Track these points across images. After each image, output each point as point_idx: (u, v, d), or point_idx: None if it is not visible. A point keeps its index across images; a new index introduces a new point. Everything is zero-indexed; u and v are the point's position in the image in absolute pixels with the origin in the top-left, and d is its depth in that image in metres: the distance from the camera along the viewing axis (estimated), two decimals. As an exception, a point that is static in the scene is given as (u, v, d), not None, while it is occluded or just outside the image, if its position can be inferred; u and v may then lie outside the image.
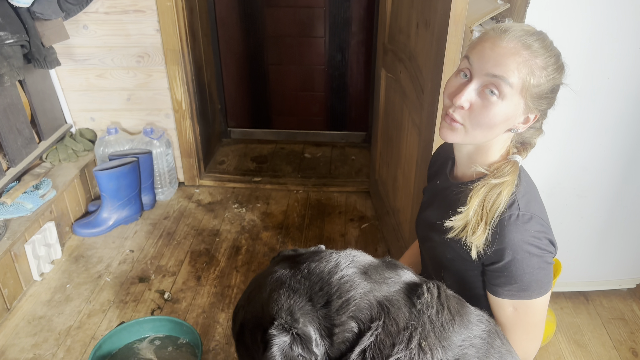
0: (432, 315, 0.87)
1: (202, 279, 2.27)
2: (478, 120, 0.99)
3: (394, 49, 2.22)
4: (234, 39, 3.37)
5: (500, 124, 1.00)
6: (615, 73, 1.64)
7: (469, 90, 0.98)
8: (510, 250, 0.99)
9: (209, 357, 1.87)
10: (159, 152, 2.76)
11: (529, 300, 1.03)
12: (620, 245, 2.03)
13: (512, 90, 0.96)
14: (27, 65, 2.32)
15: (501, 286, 1.03)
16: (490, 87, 0.97)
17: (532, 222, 1.00)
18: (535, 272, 1.00)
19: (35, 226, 2.22)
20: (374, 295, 0.87)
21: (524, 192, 1.04)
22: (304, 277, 0.89)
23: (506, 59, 0.95)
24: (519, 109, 0.99)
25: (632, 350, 1.93)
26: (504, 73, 0.95)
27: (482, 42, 0.99)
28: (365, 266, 0.93)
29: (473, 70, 0.98)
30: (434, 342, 0.85)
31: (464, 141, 1.05)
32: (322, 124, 3.68)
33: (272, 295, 0.88)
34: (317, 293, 0.87)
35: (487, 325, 0.93)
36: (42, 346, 1.91)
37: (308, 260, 0.93)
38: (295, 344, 0.82)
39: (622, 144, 1.79)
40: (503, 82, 0.95)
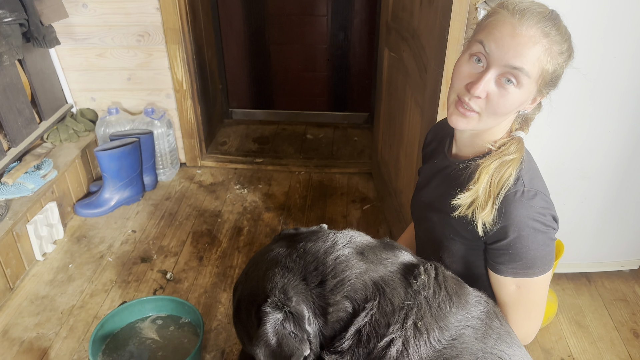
0: (429, 295, 0.87)
1: (204, 260, 2.27)
2: (494, 109, 0.98)
3: (397, 27, 2.19)
4: (235, 17, 3.33)
5: (514, 110, 1.00)
6: (622, 53, 1.61)
7: (487, 80, 0.95)
8: (516, 227, 0.98)
9: (210, 336, 1.88)
10: (160, 132, 2.75)
11: (532, 278, 1.02)
12: (624, 227, 2.02)
13: (530, 80, 0.95)
14: (27, 45, 2.30)
15: (505, 264, 1.02)
16: (508, 75, 0.94)
17: (536, 199, 1.00)
18: (540, 249, 1.00)
19: (36, 206, 2.22)
20: (369, 275, 0.88)
21: (527, 169, 1.03)
22: (299, 257, 0.90)
23: (527, 49, 0.92)
24: (532, 94, 0.98)
25: (633, 331, 1.93)
26: (524, 65, 0.92)
27: (499, 27, 0.94)
28: (362, 247, 0.93)
29: (490, 59, 0.95)
30: (431, 322, 0.84)
31: (475, 128, 1.03)
32: (324, 105, 3.65)
33: (267, 273, 0.89)
34: (312, 273, 0.87)
35: (485, 306, 0.93)
36: (45, 325, 1.92)
37: (305, 239, 0.94)
38: (287, 321, 0.83)
39: (627, 125, 1.77)
40: (522, 73, 0.93)
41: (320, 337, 0.87)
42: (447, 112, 1.05)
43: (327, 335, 0.87)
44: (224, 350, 1.83)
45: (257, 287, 0.89)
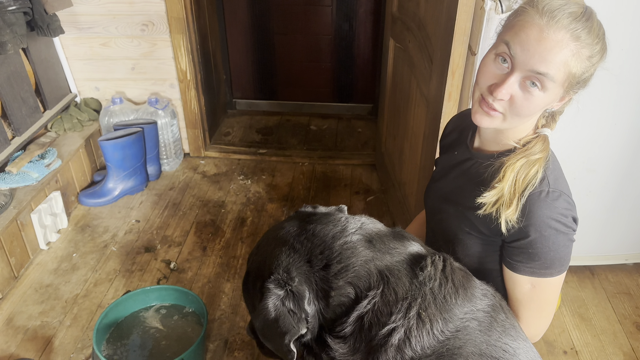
0: (435, 287, 0.86)
1: (207, 250, 2.28)
2: (518, 112, 0.96)
3: (402, 17, 2.17)
4: (239, 7, 3.31)
5: (540, 111, 0.99)
6: (630, 45, 1.60)
7: (510, 83, 0.93)
8: (538, 226, 0.97)
9: (214, 326, 1.89)
10: (164, 122, 2.74)
11: (548, 278, 1.02)
12: (628, 220, 2.02)
13: (555, 84, 0.92)
14: (31, 33, 2.30)
15: (523, 262, 1.02)
16: (533, 79, 0.92)
17: (560, 200, 0.99)
18: (559, 250, 0.99)
19: (41, 195, 2.22)
20: (375, 264, 0.88)
21: (552, 168, 1.02)
22: (307, 239, 0.91)
23: (553, 55, 0.89)
24: (558, 95, 0.96)
25: (636, 324, 1.93)
26: (549, 70, 0.90)
27: (525, 29, 0.91)
28: (371, 234, 0.93)
29: (515, 62, 0.93)
30: (435, 313, 0.84)
31: (500, 127, 1.02)
32: (328, 96, 3.64)
33: (275, 250, 0.92)
34: (317, 256, 0.89)
35: (491, 300, 0.93)
36: (49, 314, 1.93)
37: (317, 222, 0.95)
38: (287, 299, 0.86)
39: (634, 118, 1.76)
40: (547, 79, 0.91)
41: (320, 318, 0.89)
42: (472, 109, 1.03)
43: (328, 318, 0.88)
44: (227, 340, 1.84)
45: (264, 263, 0.92)
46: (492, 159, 1.06)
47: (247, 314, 1.95)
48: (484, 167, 1.07)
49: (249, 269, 0.98)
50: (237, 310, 1.96)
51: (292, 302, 0.86)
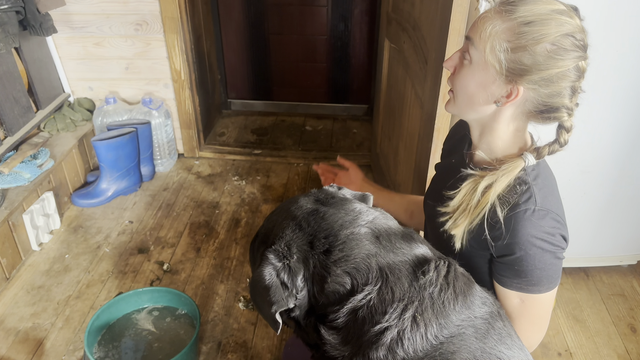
0: (434, 292, 0.86)
1: (201, 251, 2.27)
2: (457, 85, 1.01)
3: (397, 18, 2.17)
4: (234, 7, 3.30)
5: (475, 91, 0.98)
6: (624, 47, 1.60)
7: (455, 54, 1.01)
8: (523, 245, 0.96)
9: (207, 328, 1.88)
10: (158, 122, 2.73)
11: (537, 294, 1.01)
12: (622, 222, 2.02)
13: (478, 54, 0.95)
14: (23, 33, 2.28)
15: (510, 278, 1.01)
16: (466, 51, 0.98)
17: (547, 219, 0.97)
18: (546, 268, 0.98)
19: (33, 196, 2.20)
20: (376, 260, 0.88)
21: (541, 186, 1.00)
22: (316, 221, 0.92)
23: (478, 22, 0.95)
24: (489, 74, 0.95)
25: (630, 326, 1.93)
26: (471, 34, 0.96)
27: None
28: (380, 230, 0.93)
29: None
30: (431, 317, 0.84)
31: (454, 111, 1.06)
32: (323, 96, 3.63)
33: (283, 223, 0.94)
34: (321, 239, 0.89)
35: (490, 307, 0.91)
36: (41, 315, 1.91)
37: (331, 205, 0.95)
38: (283, 272, 0.87)
39: (627, 120, 1.76)
40: (470, 44, 0.96)
41: (311, 299, 0.89)
42: None
43: (320, 303, 0.88)
44: (221, 342, 1.83)
45: (271, 231, 0.94)
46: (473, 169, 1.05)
47: (240, 315, 1.94)
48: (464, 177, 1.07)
49: (258, 232, 1.01)
50: (230, 312, 1.95)
51: (286, 275, 0.87)
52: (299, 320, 0.93)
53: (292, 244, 0.90)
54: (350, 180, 1.57)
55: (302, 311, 0.91)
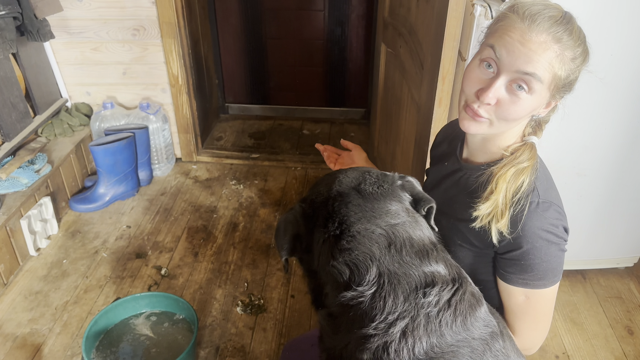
0: (432, 313, 0.83)
1: (199, 256, 2.27)
2: (505, 116, 0.96)
3: (394, 23, 2.18)
4: (231, 11, 3.31)
5: (527, 116, 0.99)
6: (619, 50, 1.61)
7: (497, 86, 0.94)
8: (530, 238, 0.97)
9: (205, 332, 1.88)
10: (156, 127, 2.73)
11: (542, 289, 1.01)
12: (619, 224, 2.02)
13: (542, 86, 0.93)
14: (21, 38, 2.28)
15: (516, 274, 1.01)
16: (519, 82, 0.92)
17: (551, 210, 0.98)
18: (552, 261, 0.99)
19: (30, 201, 2.20)
20: (378, 265, 0.86)
21: (542, 178, 1.02)
22: (339, 205, 0.93)
23: (538, 55, 0.90)
24: (545, 100, 0.96)
25: (627, 328, 1.93)
26: (536, 70, 0.91)
27: (509, 33, 0.93)
28: (396, 237, 0.90)
29: (501, 65, 0.93)
30: (421, 335, 0.81)
31: (486, 132, 1.02)
32: (320, 100, 3.64)
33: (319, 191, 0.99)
34: (334, 222, 0.91)
35: (492, 329, 0.88)
36: (38, 321, 1.91)
37: (364, 196, 0.95)
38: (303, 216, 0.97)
39: (624, 122, 1.77)
40: (534, 79, 0.91)
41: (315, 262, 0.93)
42: (459, 116, 1.03)
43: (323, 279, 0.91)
44: (219, 347, 1.83)
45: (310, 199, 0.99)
46: (481, 169, 1.05)
47: (238, 320, 1.94)
48: (473, 179, 1.06)
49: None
50: (228, 316, 1.95)
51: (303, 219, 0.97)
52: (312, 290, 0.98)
53: (317, 210, 0.95)
54: (352, 160, 1.56)
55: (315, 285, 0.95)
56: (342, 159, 1.60)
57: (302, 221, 0.97)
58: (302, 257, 1.01)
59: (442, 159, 1.23)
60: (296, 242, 0.99)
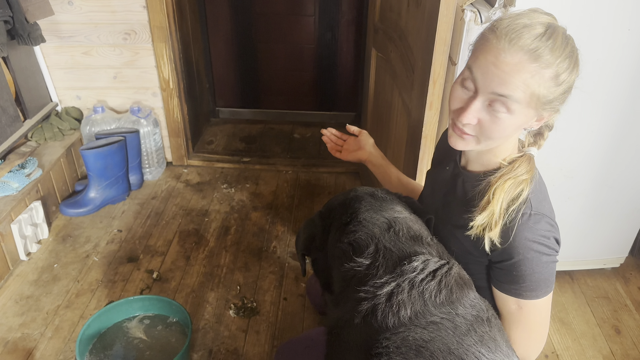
0: (416, 279, 0.90)
1: (191, 259, 2.27)
2: (488, 135, 0.97)
3: (384, 27, 2.20)
4: (222, 16, 3.32)
5: (513, 133, 0.99)
6: (605, 55, 1.64)
7: (474, 107, 0.95)
8: (521, 249, 0.98)
9: (197, 336, 1.88)
10: (147, 131, 2.73)
11: (534, 300, 1.02)
12: (606, 226, 2.06)
13: (521, 105, 0.93)
14: (11, 42, 2.27)
15: (508, 283, 1.02)
16: (498, 104, 0.93)
17: (542, 222, 0.99)
18: (544, 272, 1.00)
19: (21, 205, 2.19)
20: (376, 242, 0.99)
21: (536, 190, 1.02)
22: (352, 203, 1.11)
23: (511, 77, 0.90)
24: (530, 117, 0.96)
25: (615, 327, 1.97)
26: (510, 92, 0.91)
27: (484, 54, 0.93)
28: (396, 225, 1.03)
29: (477, 86, 0.94)
30: (405, 300, 0.88)
31: (476, 149, 1.03)
32: (311, 104, 3.66)
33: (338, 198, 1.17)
34: (345, 215, 1.09)
35: (478, 312, 0.92)
36: (30, 325, 1.90)
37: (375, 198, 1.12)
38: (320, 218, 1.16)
39: (610, 125, 1.80)
40: (509, 100, 0.91)
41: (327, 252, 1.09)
42: (448, 133, 1.05)
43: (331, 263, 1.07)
44: (212, 350, 1.83)
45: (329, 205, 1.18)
46: (479, 178, 1.06)
47: (231, 323, 1.95)
48: (471, 186, 1.08)
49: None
50: (221, 319, 1.96)
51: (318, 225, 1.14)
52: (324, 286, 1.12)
53: (333, 211, 1.12)
54: (359, 146, 1.55)
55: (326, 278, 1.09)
56: (347, 145, 1.58)
57: (319, 222, 1.13)
58: (316, 258, 1.16)
59: (443, 162, 1.24)
60: (312, 242, 1.14)
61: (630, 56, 1.66)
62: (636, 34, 1.61)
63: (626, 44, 1.63)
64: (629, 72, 1.69)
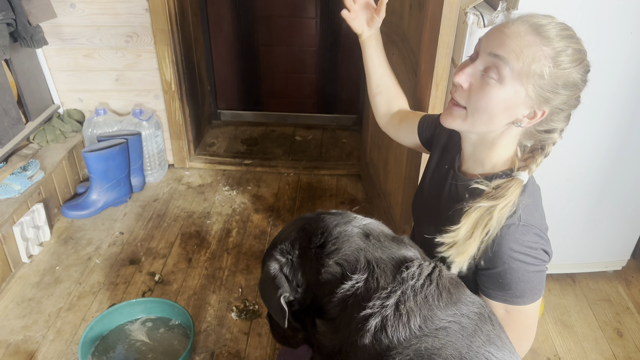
0: (417, 286, 0.89)
1: (192, 261, 2.27)
2: (475, 103, 0.97)
3: (386, 30, 2.20)
4: (224, 18, 3.32)
5: (499, 112, 0.97)
6: (607, 58, 1.65)
7: (469, 69, 0.97)
8: (505, 259, 0.98)
9: (200, 338, 1.88)
10: (148, 133, 2.74)
11: (521, 305, 1.03)
12: (607, 228, 2.06)
13: (512, 75, 0.93)
14: (14, 44, 2.28)
15: (494, 290, 1.03)
16: (492, 70, 0.94)
17: (529, 234, 0.99)
18: (530, 281, 1.00)
19: (23, 208, 2.19)
20: (365, 254, 0.94)
21: (527, 202, 1.01)
22: (316, 223, 1.02)
23: (510, 40, 0.92)
24: (519, 96, 0.95)
25: (617, 330, 1.97)
26: (505, 54, 0.92)
27: (495, 27, 0.98)
28: (370, 231, 0.99)
29: (479, 50, 0.98)
30: (413, 308, 0.86)
31: (462, 128, 1.03)
32: (313, 107, 3.66)
33: (290, 228, 1.06)
34: (318, 235, 0.99)
35: (479, 309, 0.92)
36: (32, 328, 1.90)
37: (332, 214, 1.05)
38: (286, 266, 0.97)
39: (612, 128, 1.80)
40: (503, 63, 0.92)
41: (310, 291, 0.96)
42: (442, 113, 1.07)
43: (317, 294, 0.95)
44: (214, 352, 1.83)
45: (281, 236, 1.06)
46: (468, 185, 1.06)
47: (233, 325, 1.95)
48: (457, 193, 1.09)
49: (273, 239, 1.10)
50: (223, 322, 1.96)
51: (289, 269, 0.98)
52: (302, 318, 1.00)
53: (295, 243, 1.00)
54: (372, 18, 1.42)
55: (303, 307, 0.98)
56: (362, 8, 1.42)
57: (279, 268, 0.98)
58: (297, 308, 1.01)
59: (442, 158, 1.24)
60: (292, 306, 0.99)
61: (633, 59, 1.66)
62: (639, 37, 1.61)
63: (629, 47, 1.63)
64: (631, 75, 1.69)
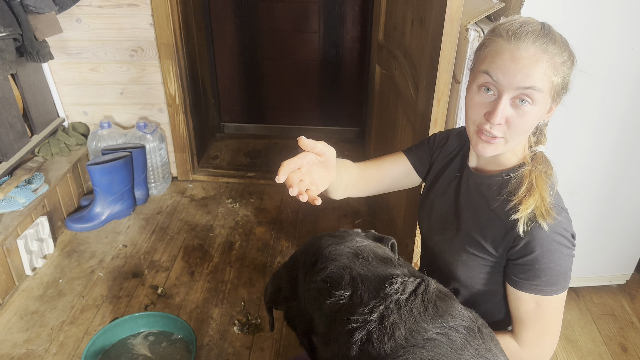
0: (401, 300, 0.90)
1: (195, 275, 2.27)
2: (517, 130, 1.01)
3: (388, 45, 2.22)
4: (228, 33, 3.36)
5: (534, 126, 1.03)
6: (609, 72, 1.65)
7: (503, 106, 0.98)
8: (544, 241, 1.00)
9: (202, 353, 1.88)
10: (152, 146, 2.75)
11: (553, 295, 1.03)
12: (611, 243, 2.05)
13: (543, 95, 0.98)
14: (20, 59, 2.30)
15: (528, 280, 1.03)
16: (521, 97, 0.97)
17: (562, 215, 1.03)
18: (564, 264, 1.02)
19: (27, 221, 2.20)
20: (350, 271, 0.97)
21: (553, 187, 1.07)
22: (313, 244, 1.10)
23: (532, 69, 0.95)
24: (547, 105, 1.01)
25: (621, 345, 1.95)
26: (533, 83, 0.96)
27: (499, 55, 0.98)
28: (362, 251, 1.03)
29: (500, 86, 0.98)
30: (397, 321, 0.87)
31: (503, 151, 1.06)
32: (315, 120, 3.68)
33: (300, 250, 1.15)
34: (311, 256, 1.06)
35: (468, 322, 0.91)
36: (34, 341, 1.90)
37: (334, 236, 1.11)
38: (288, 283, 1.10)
39: (615, 142, 1.81)
40: (534, 91, 0.96)
41: (306, 307, 1.03)
42: (471, 142, 1.06)
43: (310, 310, 1.01)
44: (216, 366, 1.83)
45: (293, 256, 1.16)
46: (501, 176, 1.09)
47: (235, 340, 1.94)
48: (487, 187, 1.11)
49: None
50: (225, 336, 1.95)
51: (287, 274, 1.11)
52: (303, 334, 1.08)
53: (297, 260, 1.10)
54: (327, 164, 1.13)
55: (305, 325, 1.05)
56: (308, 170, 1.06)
57: (284, 273, 1.12)
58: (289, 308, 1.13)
59: (449, 163, 1.25)
60: (278, 294, 1.13)
61: (635, 74, 1.67)
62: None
63: (630, 62, 1.64)
64: (632, 89, 1.70)
